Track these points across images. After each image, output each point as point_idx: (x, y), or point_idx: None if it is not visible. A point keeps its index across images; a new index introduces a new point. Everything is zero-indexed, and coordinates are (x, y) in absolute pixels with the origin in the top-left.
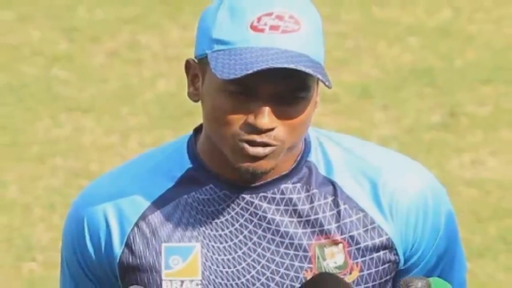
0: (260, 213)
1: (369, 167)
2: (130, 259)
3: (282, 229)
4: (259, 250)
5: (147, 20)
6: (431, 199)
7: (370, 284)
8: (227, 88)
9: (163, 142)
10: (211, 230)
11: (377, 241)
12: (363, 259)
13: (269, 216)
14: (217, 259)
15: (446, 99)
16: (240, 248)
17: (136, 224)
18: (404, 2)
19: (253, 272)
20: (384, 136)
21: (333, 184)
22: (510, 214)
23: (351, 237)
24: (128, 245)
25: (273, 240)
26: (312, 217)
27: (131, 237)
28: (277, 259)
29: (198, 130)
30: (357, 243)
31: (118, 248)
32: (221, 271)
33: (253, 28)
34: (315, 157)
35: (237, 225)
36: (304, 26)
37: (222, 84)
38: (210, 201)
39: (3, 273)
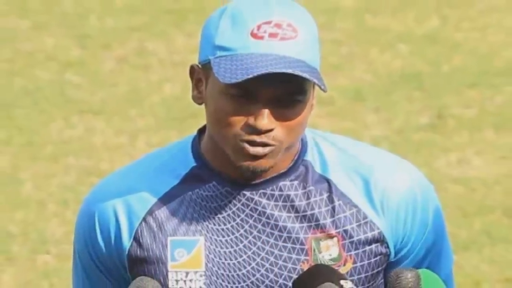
0: (260, 208)
1: (362, 166)
2: (138, 252)
3: (280, 223)
4: (259, 243)
5: (154, 28)
6: (419, 196)
7: (362, 275)
8: (229, 92)
9: (169, 142)
10: (214, 225)
11: (369, 235)
12: (356, 251)
13: (268, 211)
14: (219, 251)
15: (434, 102)
16: (241, 242)
17: (144, 219)
18: (395, 11)
19: (253, 264)
20: (376, 137)
21: (328, 181)
22: (494, 210)
23: (345, 231)
24: (136, 239)
25: (272, 234)
26: (309, 212)
27: (139, 231)
28: (276, 251)
29: (201, 131)
30: (351, 236)
31: (127, 241)
32: (224, 263)
33: (253, 35)
34: (311, 156)
35: (238, 220)
36: (301, 33)
37: (224, 88)
38: (213, 198)
39: (19, 265)
